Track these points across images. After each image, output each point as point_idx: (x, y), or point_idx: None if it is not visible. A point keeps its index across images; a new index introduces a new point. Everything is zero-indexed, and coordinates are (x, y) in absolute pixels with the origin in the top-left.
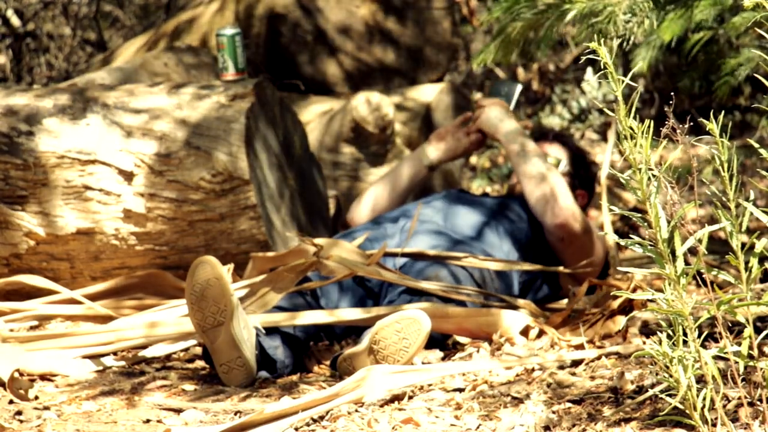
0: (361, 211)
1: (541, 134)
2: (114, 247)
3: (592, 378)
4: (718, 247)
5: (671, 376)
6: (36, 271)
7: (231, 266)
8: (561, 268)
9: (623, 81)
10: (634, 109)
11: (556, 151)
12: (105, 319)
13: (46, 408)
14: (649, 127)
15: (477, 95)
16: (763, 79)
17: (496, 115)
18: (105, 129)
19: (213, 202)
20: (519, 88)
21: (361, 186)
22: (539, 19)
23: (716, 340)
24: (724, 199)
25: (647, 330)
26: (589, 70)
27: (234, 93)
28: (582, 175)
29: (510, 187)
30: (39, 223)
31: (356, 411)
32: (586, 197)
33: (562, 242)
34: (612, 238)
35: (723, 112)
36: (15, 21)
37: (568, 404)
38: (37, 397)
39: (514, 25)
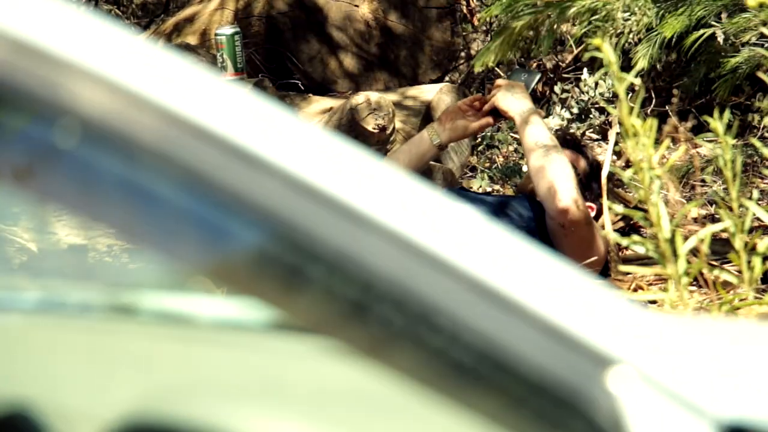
0: None
1: (562, 141)
2: None
3: None
4: (719, 246)
5: None
6: None
7: None
8: None
9: (626, 79)
10: (636, 108)
11: (572, 160)
12: None
13: None
14: (651, 125)
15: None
16: (764, 77)
17: (512, 94)
18: None
19: None
20: (538, 76)
21: None
22: (539, 18)
23: None
24: (726, 198)
25: None
26: (585, 69)
27: None
28: (593, 188)
29: (520, 186)
30: None
31: None
32: (594, 211)
33: (563, 228)
34: (613, 237)
35: (726, 110)
36: None
37: None
38: None
39: (515, 24)
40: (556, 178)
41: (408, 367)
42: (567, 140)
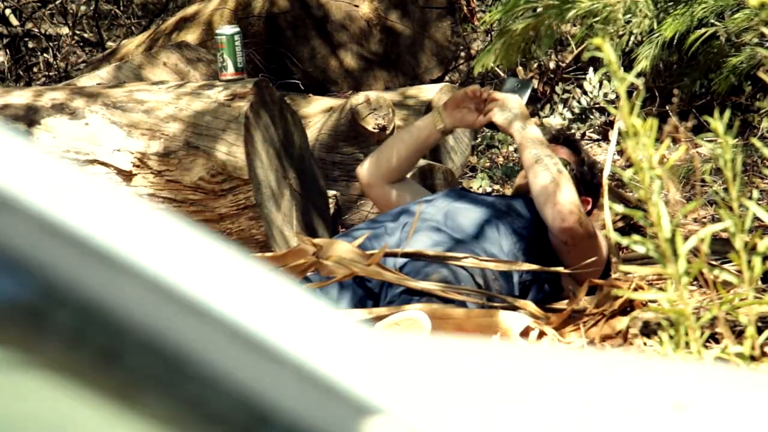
0: (372, 167)
1: (552, 137)
2: None
3: None
4: (719, 246)
5: None
6: None
7: None
8: (562, 269)
9: (626, 79)
10: (637, 108)
11: (565, 155)
12: None
13: None
14: (651, 125)
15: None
16: (764, 77)
17: (509, 109)
18: (104, 128)
19: (212, 202)
20: (532, 86)
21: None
22: (539, 21)
23: (718, 341)
24: (726, 198)
25: (648, 330)
26: (591, 69)
27: (233, 92)
28: (588, 182)
29: (517, 187)
30: None
31: None
32: (590, 204)
33: (565, 245)
34: (613, 237)
35: (726, 110)
36: (13, 20)
37: None
38: None
39: (515, 27)
40: (558, 197)
41: (160, 414)
42: (557, 137)
